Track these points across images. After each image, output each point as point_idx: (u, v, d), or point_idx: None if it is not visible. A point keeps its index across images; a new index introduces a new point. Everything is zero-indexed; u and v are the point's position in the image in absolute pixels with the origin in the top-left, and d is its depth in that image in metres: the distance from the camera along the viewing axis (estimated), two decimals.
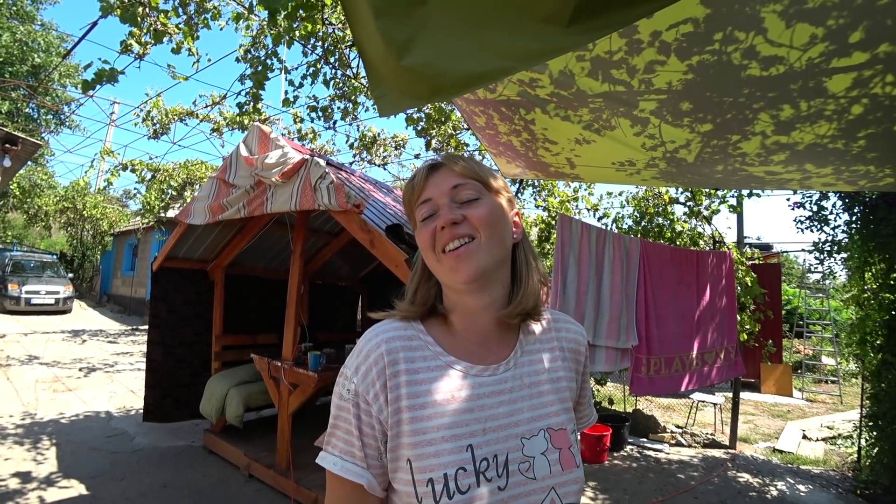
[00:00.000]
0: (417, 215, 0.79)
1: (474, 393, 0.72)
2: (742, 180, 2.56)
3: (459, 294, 0.75)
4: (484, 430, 0.70)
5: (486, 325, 0.77)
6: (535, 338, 0.82)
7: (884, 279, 4.08)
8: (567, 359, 0.83)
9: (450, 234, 0.72)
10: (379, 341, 0.74)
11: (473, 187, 0.76)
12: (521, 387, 0.76)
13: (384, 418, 0.70)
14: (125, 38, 4.04)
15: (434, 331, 0.78)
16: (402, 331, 0.76)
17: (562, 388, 0.79)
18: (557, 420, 0.75)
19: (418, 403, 0.70)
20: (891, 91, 1.59)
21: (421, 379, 0.72)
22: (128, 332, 11.82)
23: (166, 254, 4.07)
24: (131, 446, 4.16)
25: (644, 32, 1.45)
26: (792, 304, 11.37)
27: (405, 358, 0.73)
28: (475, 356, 0.76)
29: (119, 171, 8.97)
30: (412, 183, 0.80)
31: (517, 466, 0.70)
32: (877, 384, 4.17)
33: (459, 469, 0.66)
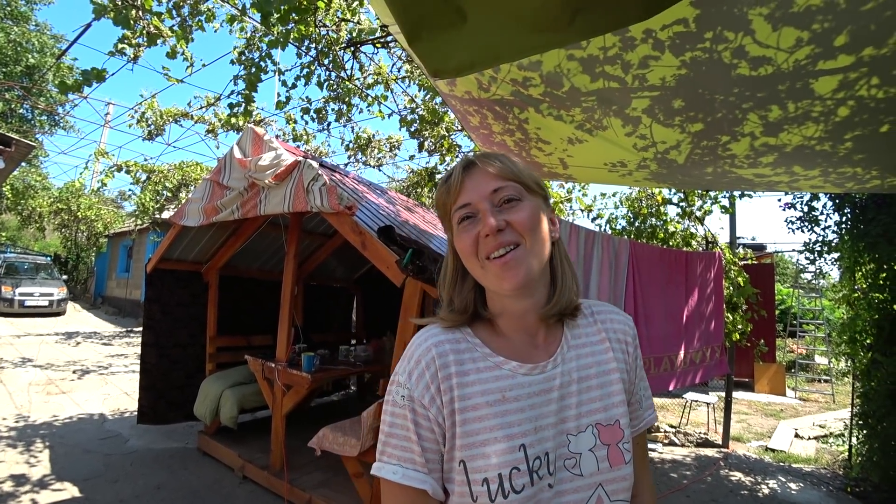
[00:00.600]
0: (454, 219, 0.76)
1: (524, 392, 0.72)
2: (731, 182, 2.59)
3: (504, 298, 0.75)
4: (536, 429, 0.70)
5: (531, 324, 0.77)
6: (580, 332, 0.80)
7: (873, 279, 4.12)
8: (615, 349, 0.80)
9: (495, 242, 0.70)
10: (429, 346, 0.74)
11: (513, 189, 0.73)
12: (569, 382, 0.74)
13: (441, 421, 0.70)
14: (118, 40, 4.03)
15: (481, 333, 0.78)
16: (450, 334, 0.77)
17: (612, 381, 0.77)
18: (606, 415, 0.74)
19: (470, 405, 0.70)
20: (876, 94, 1.62)
21: (471, 380, 0.72)
22: (122, 333, 11.76)
23: (160, 255, 4.07)
24: (125, 448, 4.14)
25: (636, 31, 1.47)
26: (786, 304, 11.45)
27: (455, 360, 0.73)
28: (523, 355, 0.76)
29: (114, 172, 8.94)
30: (447, 185, 0.77)
31: (563, 462, 0.70)
32: (867, 383, 4.21)
33: (514, 469, 0.67)
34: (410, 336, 2.74)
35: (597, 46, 1.52)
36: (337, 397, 5.97)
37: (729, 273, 4.84)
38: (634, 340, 0.83)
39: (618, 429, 0.73)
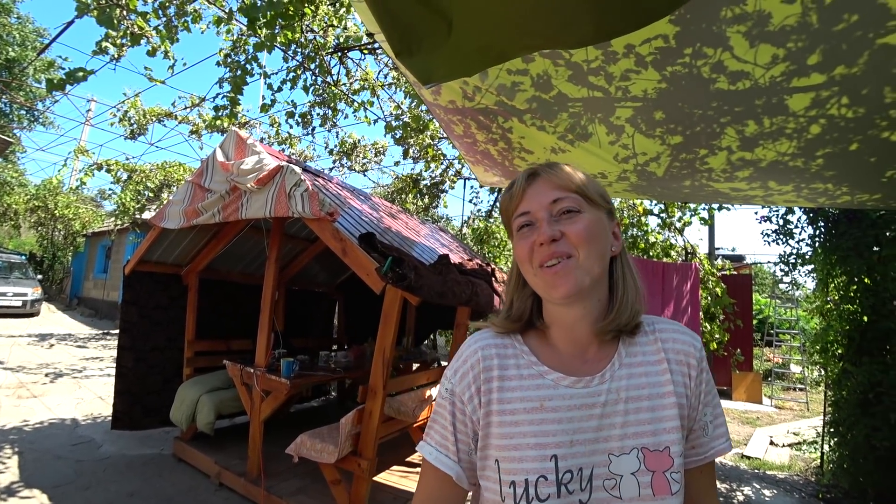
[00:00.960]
0: (514, 226, 0.78)
1: (564, 404, 0.72)
2: (708, 196, 2.64)
3: (556, 307, 0.76)
4: (571, 443, 0.70)
5: (582, 336, 0.77)
6: (637, 350, 0.77)
7: (845, 291, 4.24)
8: (674, 371, 0.75)
9: (548, 252, 0.71)
10: (476, 348, 0.79)
11: (574, 201, 0.74)
12: (616, 401, 0.72)
13: (476, 419, 0.75)
14: (101, 39, 3.98)
15: (531, 341, 0.80)
16: (499, 339, 0.80)
17: (666, 405, 0.73)
18: (655, 440, 0.70)
19: (508, 409, 0.73)
20: (845, 113, 1.67)
21: (513, 386, 0.75)
22: (98, 336, 11.49)
23: (139, 257, 4.00)
24: (98, 454, 4.04)
25: (618, 46, 1.50)
26: (763, 314, 11.68)
27: (499, 365, 0.76)
28: (570, 368, 0.76)
29: (93, 170, 8.76)
30: (510, 192, 0.79)
31: (602, 482, 0.68)
32: (838, 392, 4.31)
33: (541, 477, 0.68)
34: (390, 343, 2.76)
35: (580, 58, 1.55)
36: (317, 403, 5.91)
37: (707, 283, 4.92)
38: (700, 363, 0.77)
39: (667, 456, 0.69)
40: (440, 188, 6.83)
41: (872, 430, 3.75)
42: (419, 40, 0.87)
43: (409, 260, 2.53)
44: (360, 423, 2.90)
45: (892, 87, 1.49)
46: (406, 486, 3.48)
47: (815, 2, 1.22)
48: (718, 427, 0.78)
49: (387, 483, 3.50)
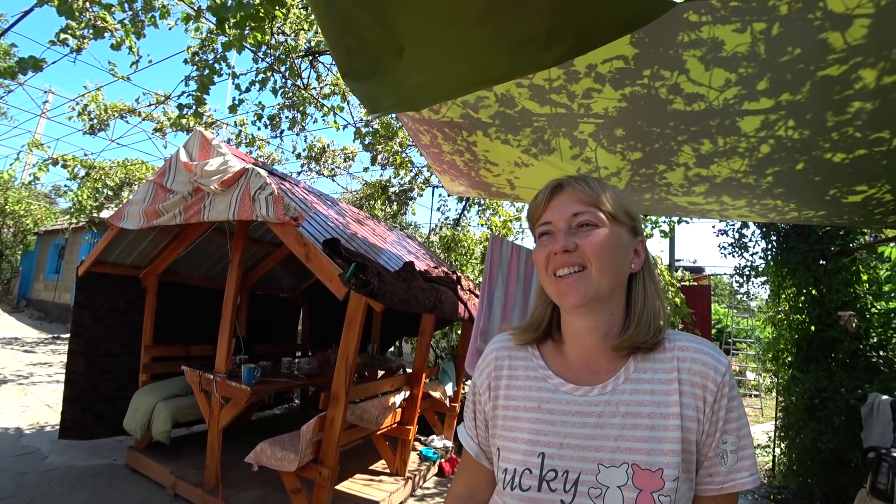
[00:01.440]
0: (536, 233, 0.82)
1: (560, 408, 0.77)
2: (667, 209, 2.74)
3: (568, 315, 0.81)
4: (560, 445, 0.74)
5: (591, 348, 0.78)
6: (649, 366, 0.75)
7: (794, 302, 4.45)
8: (685, 393, 0.72)
9: (561, 261, 0.75)
10: (493, 348, 0.90)
11: (593, 215, 0.75)
12: (613, 414, 0.73)
13: (487, 410, 0.86)
14: (60, 30, 3.83)
15: (545, 350, 0.86)
16: (515, 346, 0.88)
17: (668, 426, 0.71)
18: (648, 459, 0.69)
19: (512, 405, 0.82)
20: (792, 134, 1.77)
21: (519, 385, 0.83)
22: (48, 340, 10.93)
23: (94, 258, 3.83)
24: (43, 466, 3.83)
25: (580, 65, 1.55)
26: (722, 323, 12.11)
27: (509, 365, 0.86)
28: (575, 377, 0.80)
29: (48, 165, 8.36)
30: (536, 201, 0.83)
31: (587, 489, 0.70)
32: (787, 398, 4.52)
33: (526, 469, 0.75)
34: (353, 349, 2.74)
35: (542, 78, 1.59)
36: (279, 411, 5.78)
37: (667, 294, 5.08)
38: (721, 388, 0.72)
39: (659, 478, 0.68)
40: (408, 195, 6.84)
41: (818, 433, 3.94)
42: (369, 64, 0.87)
43: (373, 266, 2.52)
44: (321, 430, 2.86)
45: (833, 113, 1.59)
46: (369, 495, 3.44)
47: (762, 33, 1.29)
48: (743, 459, 0.72)
49: (349, 492, 3.45)
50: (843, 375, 3.93)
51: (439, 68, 0.89)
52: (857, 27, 1.24)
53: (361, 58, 0.89)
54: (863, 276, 4.17)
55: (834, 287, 4.12)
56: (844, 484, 3.80)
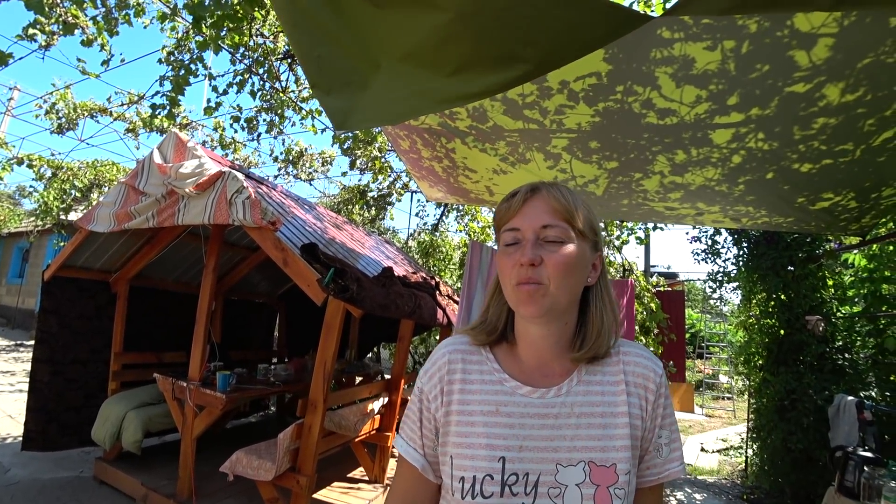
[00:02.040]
0: (502, 237, 0.80)
1: (518, 411, 0.77)
2: (645, 214, 2.80)
3: (524, 321, 0.81)
4: (520, 448, 0.74)
5: (545, 352, 0.80)
6: (598, 369, 0.80)
7: (764, 307, 4.59)
8: (632, 394, 0.79)
9: (525, 274, 0.74)
10: (444, 351, 0.85)
11: (562, 231, 0.76)
12: (568, 415, 0.76)
13: (438, 416, 0.81)
14: (28, 24, 3.71)
15: (499, 353, 0.85)
16: (468, 345, 0.86)
17: (618, 424, 0.76)
18: (603, 455, 0.74)
19: (467, 410, 0.79)
20: (762, 146, 1.83)
21: (474, 389, 0.80)
22: (10, 347, 10.51)
23: (61, 262, 3.71)
24: (5, 479, 3.67)
25: (553, 81, 1.57)
26: (695, 328, 12.39)
27: (463, 368, 0.83)
28: (530, 379, 0.80)
29: (13, 165, 8.06)
30: (509, 203, 0.80)
31: (547, 490, 0.72)
32: (759, 400, 4.64)
33: (487, 475, 0.73)
34: (331, 355, 2.72)
35: (515, 93, 1.61)
36: (255, 418, 5.67)
37: (642, 299, 5.17)
38: (659, 388, 0.80)
39: (613, 472, 0.73)
40: (387, 200, 6.81)
41: (788, 434, 4.06)
42: (341, 77, 0.87)
43: (352, 271, 2.50)
44: (299, 438, 2.82)
45: (800, 127, 1.64)
46: (347, 503, 3.40)
47: (732, 51, 1.33)
48: (674, 451, 0.81)
49: (327, 500, 3.40)
50: (811, 377, 4.06)
51: (414, 84, 0.90)
52: (822, 46, 1.29)
53: (333, 70, 0.89)
54: (828, 282, 4.32)
55: (801, 292, 4.26)
56: (813, 482, 3.92)
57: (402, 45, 0.89)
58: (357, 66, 0.86)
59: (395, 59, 0.89)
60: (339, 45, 0.90)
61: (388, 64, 0.88)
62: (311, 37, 0.94)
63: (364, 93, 0.88)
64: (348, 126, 0.96)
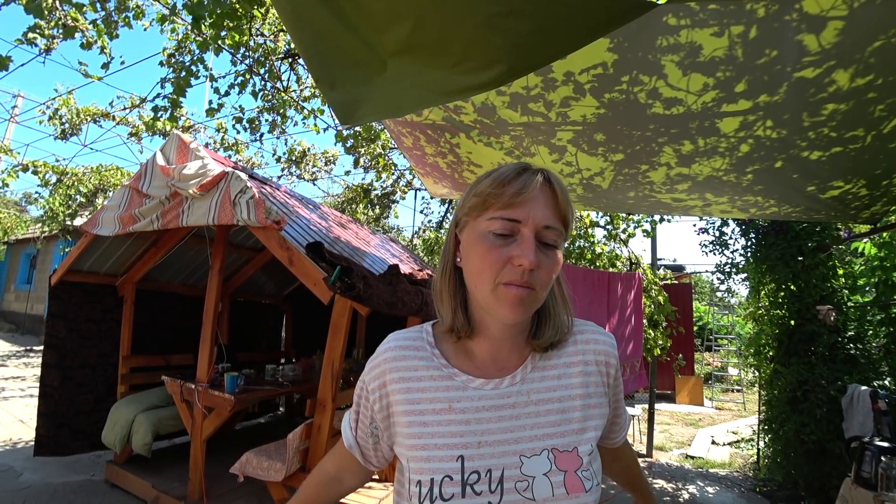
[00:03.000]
0: (490, 223, 0.69)
1: (473, 405, 0.72)
2: (652, 206, 2.77)
3: (493, 320, 0.73)
4: (479, 444, 0.70)
5: (503, 345, 0.77)
6: (553, 353, 0.78)
7: (774, 297, 4.54)
8: (592, 373, 0.77)
9: (521, 279, 0.67)
10: (388, 347, 0.79)
11: (559, 234, 0.71)
12: (525, 403, 0.73)
13: (377, 409, 0.77)
14: (28, 29, 3.71)
15: (443, 345, 0.79)
16: (412, 341, 0.79)
17: (575, 407, 0.74)
18: (565, 441, 0.71)
19: (417, 409, 0.73)
20: (770, 134, 1.80)
21: (422, 387, 0.74)
22: (20, 353, 10.60)
23: (68, 267, 3.72)
24: (17, 484, 3.70)
25: (558, 73, 1.54)
26: (703, 321, 12.32)
27: (409, 366, 0.76)
28: (482, 370, 0.76)
29: (18, 171, 8.10)
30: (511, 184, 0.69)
31: (514, 484, 0.68)
32: (770, 391, 4.60)
33: (445, 477, 0.68)
34: (339, 354, 2.71)
35: (520, 86, 1.59)
36: (264, 419, 5.69)
37: (650, 292, 5.14)
38: (617, 363, 0.82)
39: (575, 456, 0.71)
40: (391, 198, 6.79)
41: (801, 425, 4.02)
42: (344, 72, 0.85)
43: (359, 269, 2.49)
44: (308, 438, 2.82)
45: (809, 113, 1.61)
46: (358, 502, 3.40)
47: (740, 37, 1.30)
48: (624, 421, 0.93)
49: None
50: (823, 368, 4.01)
51: (418, 76, 0.88)
52: (831, 30, 1.26)
53: (336, 64, 0.87)
54: (839, 271, 4.27)
55: (812, 282, 4.22)
56: (828, 474, 3.88)
57: (403, 36, 0.87)
58: (360, 59, 0.85)
59: (397, 52, 0.87)
60: (341, 39, 0.88)
61: (391, 56, 0.86)
62: (312, 32, 0.92)
63: (368, 86, 0.87)
64: (354, 120, 0.95)
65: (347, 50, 0.88)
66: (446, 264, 0.79)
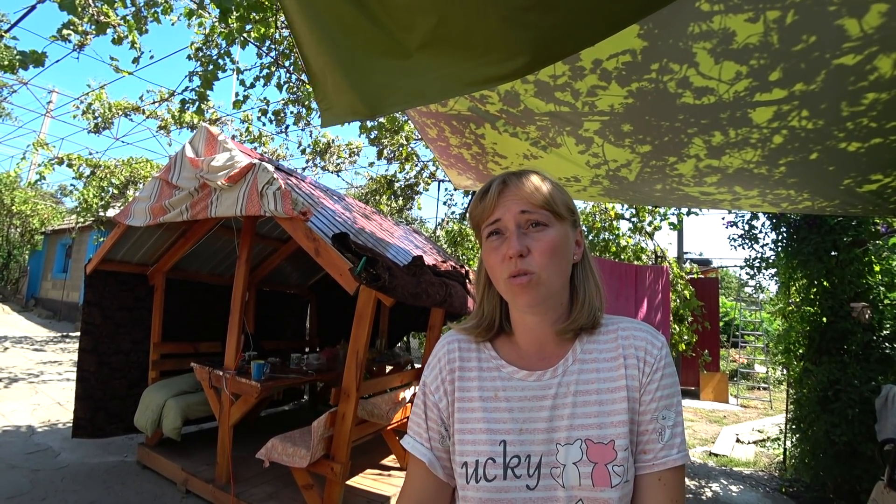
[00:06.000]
0: (484, 232, 0.80)
1: (517, 395, 0.78)
2: (679, 199, 2.71)
3: (519, 311, 0.81)
4: (521, 430, 0.75)
5: (541, 336, 0.81)
6: (593, 347, 0.80)
7: (805, 294, 4.41)
8: (629, 366, 0.77)
9: (515, 267, 0.74)
10: (444, 343, 0.87)
11: (542, 216, 0.76)
12: (566, 394, 0.76)
13: (443, 406, 0.82)
14: (62, 25, 3.83)
15: (498, 343, 0.86)
16: (466, 339, 0.87)
17: (616, 399, 0.75)
18: (600, 433, 0.73)
19: (467, 397, 0.81)
20: (806, 125, 1.74)
21: (473, 376, 0.82)
22: (57, 339, 11.04)
23: (102, 256, 3.85)
24: (55, 463, 3.88)
25: (586, 60, 1.52)
26: (729, 316, 12.05)
27: (464, 357, 0.84)
28: (528, 364, 0.81)
29: (54, 164, 8.40)
30: (482, 200, 0.80)
31: (549, 470, 0.72)
32: (799, 390, 4.48)
33: (489, 459, 0.74)
34: (363, 344, 2.74)
35: (547, 74, 1.57)
36: (288, 407, 5.81)
37: (676, 286, 5.05)
38: (658, 361, 0.76)
39: (611, 449, 0.72)
40: (414, 190, 6.82)
41: (831, 426, 3.91)
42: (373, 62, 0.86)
43: (384, 260, 2.51)
44: (332, 426, 2.87)
45: (849, 103, 1.55)
46: (380, 490, 3.46)
47: (776, 22, 1.26)
48: (676, 436, 0.73)
49: (360, 487, 3.47)
50: (856, 367, 3.89)
51: (443, 69, 0.88)
52: (874, 13, 1.20)
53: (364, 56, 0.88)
54: (875, 267, 4.12)
55: (846, 278, 4.08)
56: (858, 476, 3.78)
57: (428, 29, 0.88)
58: (388, 50, 0.86)
59: (423, 45, 0.88)
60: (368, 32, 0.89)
61: (417, 50, 0.87)
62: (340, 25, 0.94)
63: (395, 75, 0.88)
64: (381, 110, 0.96)
65: (375, 42, 0.89)
66: (482, 275, 0.87)
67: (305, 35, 1.02)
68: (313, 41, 1.00)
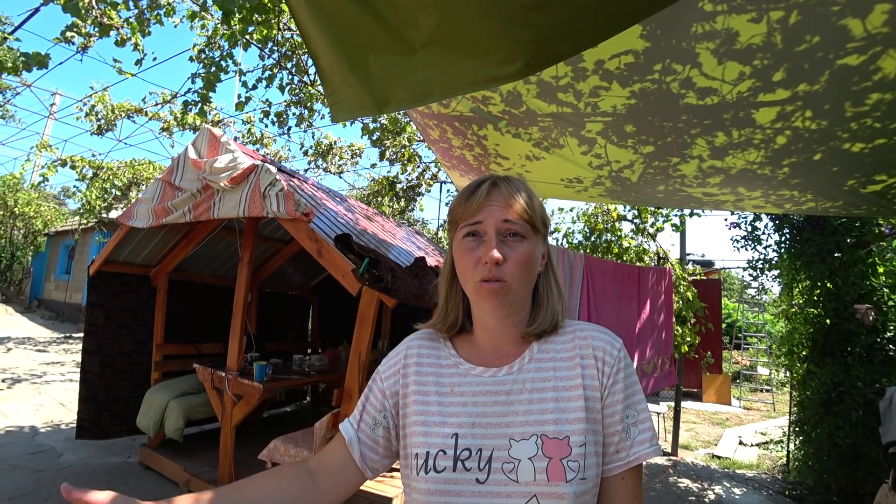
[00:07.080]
0: (461, 231, 0.81)
1: (472, 389, 0.80)
2: (682, 200, 2.71)
3: (484, 312, 0.83)
4: (473, 424, 0.77)
5: (501, 335, 0.84)
6: (550, 347, 0.83)
7: (808, 295, 4.39)
8: (586, 367, 0.79)
9: (489, 273, 0.76)
10: (406, 344, 0.91)
11: (522, 227, 0.79)
12: (521, 391, 0.78)
13: (390, 394, 0.85)
14: (66, 28, 3.85)
15: (457, 341, 0.89)
16: (428, 338, 0.90)
17: (571, 398, 0.77)
18: (556, 428, 0.74)
19: (423, 390, 0.82)
20: (809, 125, 1.73)
21: (430, 372, 0.84)
22: (60, 340, 11.07)
23: (105, 257, 3.86)
24: (58, 464, 3.88)
25: (589, 61, 1.52)
26: (732, 318, 12.01)
27: (423, 353, 0.87)
28: (486, 361, 0.83)
29: (57, 166, 8.42)
30: (468, 199, 0.81)
31: (500, 465, 0.73)
32: (802, 392, 4.46)
33: (440, 451, 0.75)
34: (366, 345, 2.74)
35: (549, 75, 1.57)
36: (291, 408, 5.81)
37: (678, 288, 5.04)
38: (618, 363, 0.79)
39: (566, 445, 0.73)
40: (416, 191, 6.83)
41: (835, 428, 3.89)
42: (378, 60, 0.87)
43: (386, 261, 2.51)
44: (335, 427, 2.87)
45: (852, 103, 1.55)
46: (382, 491, 3.44)
47: (779, 22, 1.25)
48: (643, 432, 0.77)
49: (362, 488, 3.45)
50: (859, 369, 3.87)
51: (447, 67, 0.89)
52: (878, 13, 1.20)
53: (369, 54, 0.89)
54: (879, 269, 4.10)
55: (850, 280, 4.06)
56: (862, 479, 3.76)
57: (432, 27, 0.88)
58: (393, 45, 0.86)
59: (427, 42, 0.88)
60: (373, 31, 0.89)
61: (422, 47, 0.87)
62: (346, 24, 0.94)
63: (400, 73, 0.88)
64: (389, 107, 0.97)
65: (380, 39, 0.90)
66: (447, 271, 0.89)
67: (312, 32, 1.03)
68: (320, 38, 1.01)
